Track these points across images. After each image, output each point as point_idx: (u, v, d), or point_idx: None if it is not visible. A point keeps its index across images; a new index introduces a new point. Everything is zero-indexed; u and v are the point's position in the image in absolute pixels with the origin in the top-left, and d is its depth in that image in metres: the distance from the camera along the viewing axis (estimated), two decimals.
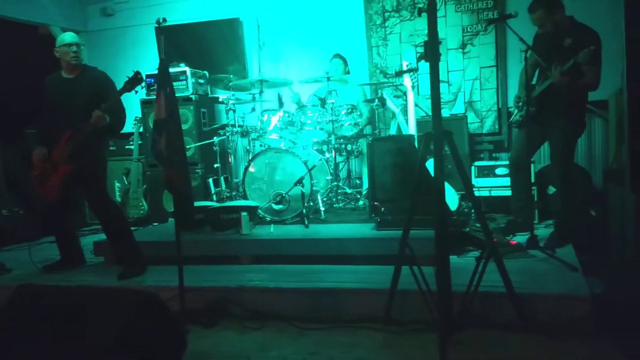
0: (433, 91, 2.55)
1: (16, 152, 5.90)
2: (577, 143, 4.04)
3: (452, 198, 4.07)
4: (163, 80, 2.97)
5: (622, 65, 2.41)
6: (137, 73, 3.61)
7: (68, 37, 3.91)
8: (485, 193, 4.82)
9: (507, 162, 4.75)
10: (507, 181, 4.53)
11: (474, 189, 4.73)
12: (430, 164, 2.78)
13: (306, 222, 4.39)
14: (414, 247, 2.84)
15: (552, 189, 4.64)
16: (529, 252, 3.60)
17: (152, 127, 3.13)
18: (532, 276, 3.15)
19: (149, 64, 6.32)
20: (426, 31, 2.59)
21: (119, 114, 3.89)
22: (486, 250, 2.71)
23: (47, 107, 3.94)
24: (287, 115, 5.01)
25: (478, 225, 3.81)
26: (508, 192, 4.51)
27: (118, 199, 5.93)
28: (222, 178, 5.45)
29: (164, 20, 3.05)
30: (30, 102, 4.14)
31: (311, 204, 4.62)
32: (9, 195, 5.62)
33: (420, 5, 5.72)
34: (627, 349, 2.44)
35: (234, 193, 5.16)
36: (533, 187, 4.48)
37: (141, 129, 5.85)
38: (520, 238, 3.87)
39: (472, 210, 4.23)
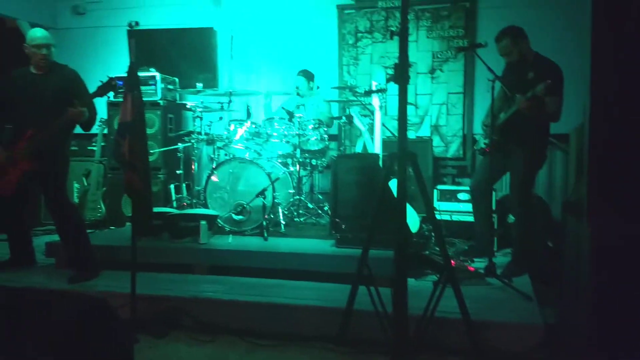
0: (400, 112, 2.56)
1: None
2: (538, 174, 4.12)
3: (413, 220, 4.08)
4: (131, 84, 2.91)
5: (585, 100, 2.48)
6: (111, 79, 3.53)
7: (39, 37, 3.73)
8: (446, 217, 4.87)
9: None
10: (469, 206, 4.58)
11: (436, 212, 4.80)
12: (393, 184, 2.78)
13: (265, 235, 4.35)
14: (373, 267, 2.83)
15: (512, 218, 4.71)
16: (486, 279, 3.63)
17: (116, 130, 3.05)
18: (487, 303, 3.18)
19: (119, 66, 6.21)
20: (397, 54, 2.62)
21: (94, 111, 3.79)
22: (444, 274, 2.73)
23: (10, 102, 3.78)
24: (254, 126, 4.97)
25: (438, 248, 3.84)
26: (469, 218, 4.56)
27: (76, 200, 5.76)
28: (184, 185, 5.36)
29: (137, 23, 3.00)
30: None
31: (272, 216, 4.58)
32: None
33: (394, 29, 5.83)
34: None
35: (194, 201, 5.07)
36: (493, 215, 4.55)
37: (106, 131, 5.72)
38: (478, 264, 3.91)
39: (433, 234, 4.26)
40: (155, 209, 4.45)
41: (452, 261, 2.98)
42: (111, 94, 4.81)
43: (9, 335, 2.08)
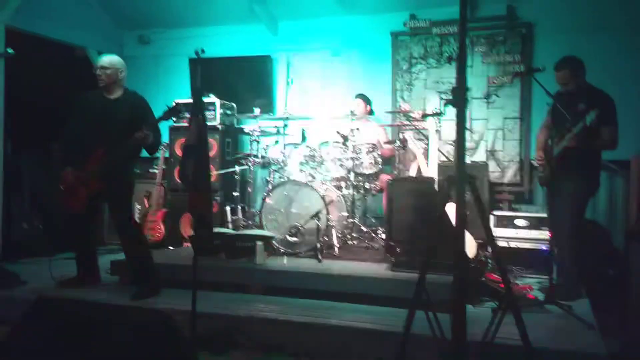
0: (458, 135, 2.56)
1: (41, 167, 6.02)
2: (598, 200, 4.04)
3: (469, 245, 4.04)
4: (197, 108, 3.05)
5: None
6: (177, 104, 3.70)
7: (103, 59, 4.01)
8: (503, 243, 4.79)
9: (527, 214, 4.88)
10: (526, 233, 4.53)
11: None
12: (449, 208, 2.77)
13: (319, 257, 4.39)
14: (429, 292, 2.81)
15: None
16: (546, 306, 3.55)
17: (182, 151, 3.21)
18: (548, 331, 3.11)
19: (179, 92, 6.49)
20: (451, 79, 2.64)
21: (159, 136, 4.00)
22: (505, 301, 2.68)
23: (81, 122, 4.00)
24: (308, 149, 5.07)
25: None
26: (527, 244, 4.50)
27: (137, 220, 5.98)
28: (239, 207, 5.50)
29: (202, 51, 3.16)
30: (59, 119, 4.23)
31: (325, 238, 4.62)
32: (31, 209, 5.70)
33: (447, 54, 5.86)
34: None
35: (250, 222, 5.19)
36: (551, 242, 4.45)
37: (167, 154, 5.94)
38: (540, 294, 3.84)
39: (489, 260, 4.21)
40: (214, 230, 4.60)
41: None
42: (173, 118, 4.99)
43: (77, 347, 2.20)
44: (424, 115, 4.74)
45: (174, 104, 3.68)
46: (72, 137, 4.03)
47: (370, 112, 5.76)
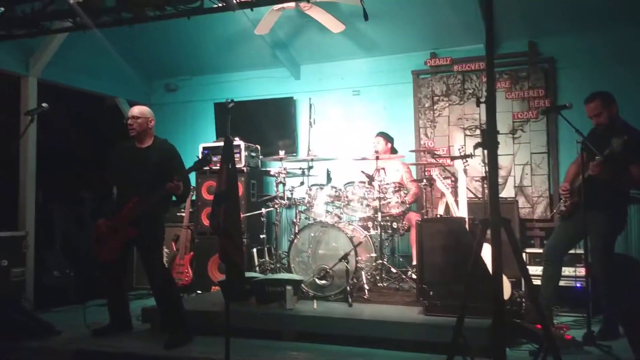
0: (491, 177, 2.55)
1: (72, 215, 6.14)
2: (630, 233, 3.97)
3: (504, 286, 3.96)
4: (227, 156, 3.09)
5: None
6: (207, 155, 3.79)
7: (130, 110, 4.16)
8: (536, 282, 4.67)
9: None
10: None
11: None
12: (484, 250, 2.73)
13: (350, 301, 4.33)
14: (465, 336, 2.75)
15: None
16: (584, 347, 3.44)
17: (213, 199, 3.24)
18: None
19: (206, 136, 6.62)
20: (475, 115, 2.64)
21: (189, 185, 4.08)
22: (544, 344, 2.61)
23: (115, 172, 4.12)
24: (334, 190, 5.08)
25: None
26: (560, 282, 4.37)
27: (165, 264, 6.01)
28: (266, 248, 5.49)
29: (233, 101, 3.23)
30: (89, 168, 4.34)
31: (355, 281, 4.57)
32: (62, 257, 5.79)
33: (470, 91, 5.89)
34: None
35: (277, 265, 5.17)
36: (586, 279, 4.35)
37: (194, 198, 6.01)
38: (575, 332, 3.72)
39: (526, 300, 4.11)
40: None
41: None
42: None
43: None
44: (453, 158, 4.72)
45: (203, 155, 3.74)
46: (106, 188, 4.13)
47: (392, 150, 5.76)
